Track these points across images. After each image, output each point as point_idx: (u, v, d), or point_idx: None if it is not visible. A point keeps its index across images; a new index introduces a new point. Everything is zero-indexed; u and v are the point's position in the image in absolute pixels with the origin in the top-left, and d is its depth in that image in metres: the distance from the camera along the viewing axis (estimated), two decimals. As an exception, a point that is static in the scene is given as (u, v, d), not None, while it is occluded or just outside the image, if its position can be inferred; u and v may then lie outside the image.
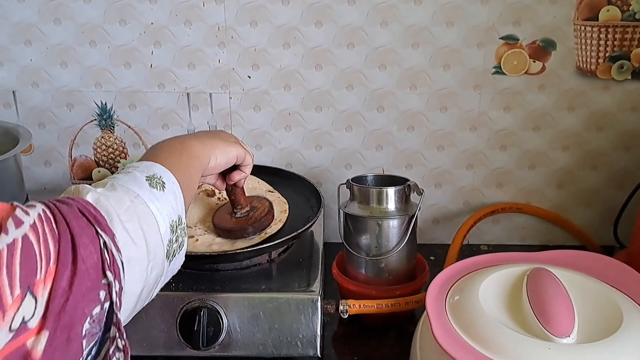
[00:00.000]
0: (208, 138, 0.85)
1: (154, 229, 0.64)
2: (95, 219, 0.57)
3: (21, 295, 0.46)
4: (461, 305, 0.80)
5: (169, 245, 0.67)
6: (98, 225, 0.56)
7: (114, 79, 1.21)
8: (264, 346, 0.90)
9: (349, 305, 0.97)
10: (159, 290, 0.71)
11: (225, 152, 0.85)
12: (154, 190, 0.66)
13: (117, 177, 0.66)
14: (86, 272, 0.52)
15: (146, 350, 0.91)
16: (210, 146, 0.83)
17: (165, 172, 0.70)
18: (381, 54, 1.18)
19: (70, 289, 0.50)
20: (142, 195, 0.64)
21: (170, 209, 0.67)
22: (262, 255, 0.99)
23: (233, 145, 0.87)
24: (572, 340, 0.72)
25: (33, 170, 1.29)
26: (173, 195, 0.69)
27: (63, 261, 0.51)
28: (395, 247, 1.01)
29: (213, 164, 0.83)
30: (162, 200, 0.66)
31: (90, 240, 0.54)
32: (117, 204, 0.61)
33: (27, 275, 0.47)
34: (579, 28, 1.15)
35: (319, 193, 1.11)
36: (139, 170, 0.68)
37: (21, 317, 0.46)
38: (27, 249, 0.48)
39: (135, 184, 0.65)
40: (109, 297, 0.55)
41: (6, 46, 1.19)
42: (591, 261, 0.89)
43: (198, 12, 1.16)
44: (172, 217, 0.68)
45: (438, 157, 1.26)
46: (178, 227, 0.69)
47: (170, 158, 0.74)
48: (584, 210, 1.29)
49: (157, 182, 0.67)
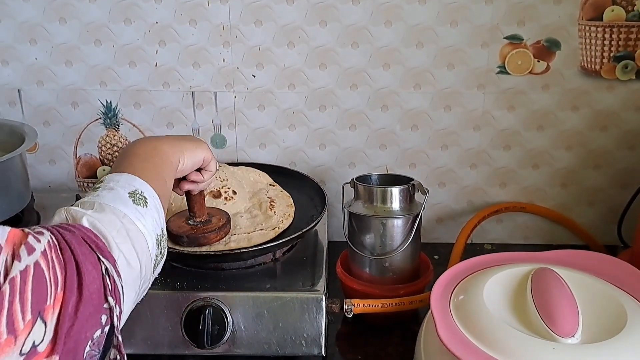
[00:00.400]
0: (177, 140, 0.84)
1: (144, 247, 0.66)
2: (97, 245, 0.58)
3: (32, 320, 0.47)
4: (466, 304, 0.80)
5: (155, 259, 0.69)
6: (100, 252, 0.57)
7: (118, 78, 1.22)
8: (268, 345, 0.91)
9: (353, 305, 0.97)
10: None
11: (193, 154, 0.85)
12: (138, 207, 0.67)
13: (100, 195, 0.66)
14: (90, 298, 0.54)
15: (151, 349, 0.91)
16: (179, 148, 0.83)
17: (145, 186, 0.70)
18: (385, 54, 1.18)
19: (75, 314, 0.52)
20: (129, 215, 0.65)
21: (154, 223, 0.69)
22: (267, 254, 0.99)
23: (201, 147, 0.87)
24: (576, 340, 0.72)
25: (38, 169, 1.30)
26: (155, 210, 0.70)
27: (70, 287, 0.52)
28: (400, 246, 1.01)
29: (181, 167, 0.83)
30: (147, 216, 0.67)
31: (93, 267, 0.56)
32: (110, 226, 0.62)
33: (37, 301, 0.48)
34: (583, 28, 1.15)
35: (323, 192, 1.11)
36: (120, 185, 0.68)
37: (32, 342, 0.47)
38: (38, 276, 0.49)
39: (120, 203, 0.66)
40: (110, 320, 0.57)
41: (12, 45, 1.20)
42: (595, 261, 0.90)
43: (203, 11, 1.16)
44: (157, 232, 0.69)
45: (442, 156, 1.26)
46: (162, 240, 0.71)
47: (147, 168, 0.74)
48: (587, 209, 1.30)
49: (140, 198, 0.68)
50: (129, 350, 0.91)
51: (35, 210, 1.16)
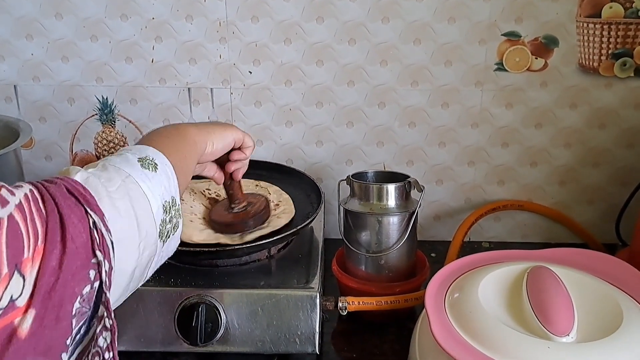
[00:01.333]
0: (205, 125, 0.85)
1: (146, 207, 0.64)
2: (84, 198, 0.56)
3: (9, 273, 0.46)
4: (460, 302, 0.79)
5: (161, 225, 0.67)
6: (87, 205, 0.56)
7: (115, 74, 1.21)
8: (262, 342, 0.90)
9: (348, 302, 0.96)
10: (155, 270, 0.71)
11: (222, 136, 0.85)
12: (145, 170, 0.66)
13: (109, 158, 0.66)
14: (76, 251, 0.52)
15: (144, 346, 0.91)
16: (207, 132, 0.83)
17: (157, 154, 0.70)
18: (382, 50, 1.17)
19: (60, 268, 0.51)
20: (134, 175, 0.64)
21: (162, 189, 0.67)
22: (262, 251, 0.99)
23: (230, 129, 0.88)
24: (571, 339, 0.72)
25: (34, 165, 1.29)
26: (166, 176, 0.69)
27: (51, 240, 0.51)
28: (396, 244, 1.01)
29: (210, 150, 0.83)
30: (154, 180, 0.66)
31: (79, 220, 0.54)
32: (108, 183, 0.61)
33: (14, 254, 0.47)
34: (581, 25, 1.14)
35: (319, 189, 1.10)
36: (132, 152, 0.68)
37: (9, 296, 0.46)
38: (13, 228, 0.47)
39: (127, 165, 0.65)
40: (99, 276, 0.55)
41: (8, 40, 1.19)
42: (592, 259, 0.89)
43: (199, 7, 1.15)
44: (164, 198, 0.68)
45: (439, 153, 1.26)
46: (172, 208, 0.69)
47: (164, 142, 0.74)
48: (586, 207, 1.29)
49: (150, 163, 0.67)
50: (122, 347, 0.91)
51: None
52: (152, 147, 0.70)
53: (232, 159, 0.93)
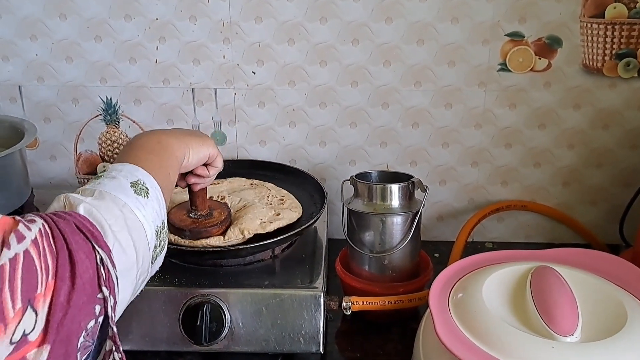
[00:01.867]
0: (183, 135, 0.84)
1: (142, 236, 0.65)
2: (92, 234, 0.57)
3: (22, 308, 0.47)
4: (464, 302, 0.79)
5: (154, 250, 0.68)
6: (95, 241, 0.57)
7: (119, 74, 1.21)
8: (266, 342, 0.90)
9: (352, 302, 0.96)
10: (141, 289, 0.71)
11: (198, 150, 0.84)
12: (139, 197, 0.66)
13: (102, 183, 0.66)
14: (82, 287, 0.53)
15: (149, 346, 0.91)
16: (185, 144, 0.82)
17: (147, 177, 0.70)
18: (386, 51, 1.18)
19: (68, 303, 0.51)
20: (129, 204, 0.64)
21: (155, 215, 0.68)
22: (266, 251, 0.99)
23: (206, 144, 0.87)
24: (575, 339, 0.72)
25: (38, 165, 1.30)
26: (157, 201, 0.69)
27: (61, 276, 0.51)
28: (399, 244, 1.01)
29: (186, 163, 0.83)
30: (148, 207, 0.67)
31: (87, 256, 0.55)
32: (108, 214, 0.61)
33: (27, 289, 0.48)
34: (585, 25, 1.14)
35: (322, 189, 1.11)
36: (123, 175, 0.68)
37: (22, 330, 0.47)
38: (28, 264, 0.48)
39: (121, 192, 0.65)
40: (104, 311, 0.56)
41: (12, 41, 1.19)
42: (596, 259, 0.89)
43: (203, 7, 1.16)
44: (157, 223, 0.68)
45: (443, 154, 1.26)
46: (161, 232, 0.70)
47: (150, 159, 0.74)
48: (589, 208, 1.29)
49: (141, 188, 0.68)
50: (127, 347, 0.91)
51: (35, 206, 1.15)
52: (141, 169, 0.70)
53: (195, 172, 0.90)
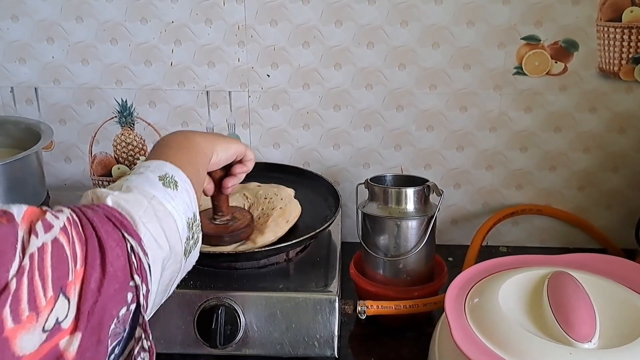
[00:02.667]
0: (209, 135, 0.85)
1: (173, 227, 0.65)
2: (122, 223, 0.57)
3: (54, 296, 0.47)
4: (481, 307, 0.79)
5: (186, 242, 0.68)
6: (124, 230, 0.57)
7: (134, 77, 1.22)
8: (281, 345, 0.90)
9: (367, 306, 0.96)
10: (176, 286, 0.71)
11: (226, 148, 0.85)
12: (168, 189, 0.66)
13: (129, 178, 0.66)
14: (114, 275, 0.53)
15: (164, 348, 0.91)
16: (212, 142, 0.83)
17: (176, 171, 0.70)
18: (401, 54, 1.17)
19: (99, 291, 0.51)
20: (158, 196, 0.64)
21: (185, 207, 0.68)
22: (280, 254, 0.99)
23: (233, 141, 0.88)
24: (593, 346, 0.71)
25: (54, 166, 1.30)
26: (187, 193, 0.69)
27: (91, 264, 0.52)
28: (414, 248, 1.01)
29: (215, 160, 0.83)
30: (177, 199, 0.67)
31: (117, 244, 0.55)
32: (137, 206, 0.61)
33: (59, 277, 0.48)
34: (601, 29, 1.13)
35: (336, 192, 1.11)
36: (151, 170, 0.68)
37: (55, 318, 0.47)
38: (58, 252, 0.49)
39: (149, 185, 0.65)
40: (136, 299, 0.56)
41: (29, 43, 1.20)
42: (613, 265, 0.88)
43: (218, 10, 1.16)
44: (187, 215, 0.68)
45: (457, 157, 1.25)
46: (194, 224, 0.70)
47: (179, 155, 0.74)
48: (605, 212, 1.28)
49: (170, 181, 0.68)
50: (142, 349, 0.91)
51: (50, 207, 1.16)
52: (169, 163, 0.70)
53: (234, 172, 0.91)
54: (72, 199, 1.16)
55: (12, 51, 1.21)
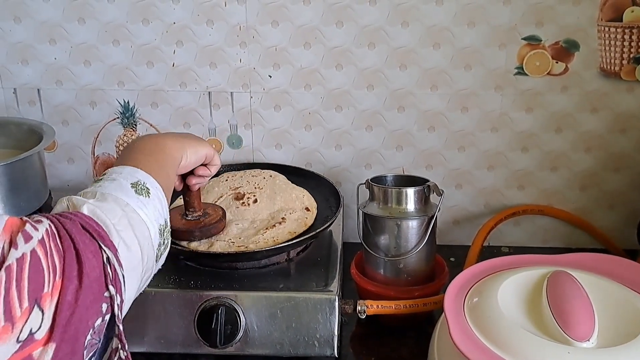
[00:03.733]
0: (179, 137, 0.86)
1: (146, 235, 0.66)
2: (99, 234, 0.58)
3: (29, 308, 0.48)
4: (480, 307, 0.79)
5: (157, 248, 0.69)
6: (101, 240, 0.58)
7: (136, 78, 1.22)
8: (281, 345, 0.91)
9: (366, 306, 0.97)
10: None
11: (196, 150, 0.86)
12: (140, 197, 0.67)
13: (103, 185, 0.67)
14: (90, 286, 0.54)
15: (164, 348, 0.92)
16: (182, 145, 0.84)
17: (147, 178, 0.71)
18: (402, 54, 1.18)
19: (76, 302, 0.52)
20: (131, 203, 0.65)
21: (157, 214, 0.69)
22: (281, 254, 0.99)
23: (203, 145, 0.88)
24: (591, 345, 0.71)
25: (56, 167, 1.31)
26: (158, 200, 0.70)
27: (69, 276, 0.52)
28: (414, 247, 1.01)
29: (184, 163, 0.84)
30: (149, 206, 0.68)
31: (94, 255, 0.56)
32: (111, 214, 0.62)
33: (34, 289, 0.49)
34: (602, 29, 1.13)
35: (338, 192, 1.11)
36: (123, 177, 0.69)
37: (29, 329, 0.48)
38: (35, 264, 0.49)
39: (122, 192, 0.66)
40: (110, 309, 0.57)
41: (31, 45, 1.21)
42: (613, 264, 0.88)
43: (220, 11, 1.16)
44: (159, 222, 0.69)
45: (459, 157, 1.26)
46: (164, 230, 0.71)
47: (149, 161, 0.75)
48: (607, 213, 1.28)
49: (142, 188, 0.69)
50: (142, 349, 0.92)
51: (52, 208, 1.16)
52: (140, 170, 0.71)
53: (197, 173, 0.92)
54: (74, 199, 1.17)
55: (15, 53, 1.22)
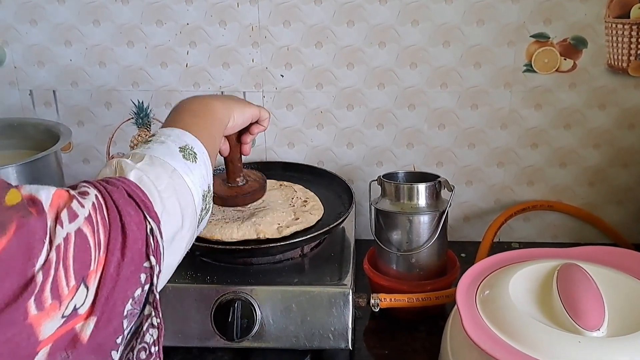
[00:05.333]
0: (226, 99, 0.88)
1: (190, 201, 0.67)
2: (144, 204, 0.59)
3: (76, 286, 0.49)
4: (491, 299, 0.81)
5: (200, 214, 0.70)
6: (146, 211, 0.58)
7: (150, 79, 1.24)
8: (296, 338, 0.92)
9: (380, 299, 0.98)
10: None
11: (242, 112, 0.88)
12: (187, 162, 0.68)
13: (152, 147, 0.68)
14: (132, 258, 0.55)
15: (181, 341, 0.93)
16: (229, 107, 0.85)
17: (195, 142, 0.72)
18: (412, 53, 1.19)
19: (118, 275, 0.53)
20: (179, 169, 0.66)
21: (202, 179, 0.70)
22: (295, 249, 1.01)
23: (248, 105, 0.90)
24: (602, 334, 0.72)
25: (72, 168, 1.33)
26: (204, 166, 0.71)
27: (112, 249, 0.53)
28: (426, 242, 1.02)
29: (231, 124, 0.86)
30: (195, 172, 0.69)
31: (138, 226, 0.57)
32: (157, 180, 0.63)
33: (80, 267, 0.49)
34: (610, 26, 1.14)
35: (350, 189, 1.12)
36: (172, 139, 0.70)
37: (73, 305, 0.49)
38: (81, 242, 0.50)
39: (170, 157, 0.67)
40: (150, 279, 0.58)
41: (47, 47, 1.23)
42: (620, 257, 0.89)
43: (232, 12, 1.18)
44: (203, 188, 0.70)
45: (469, 155, 1.27)
46: (208, 195, 0.72)
47: (197, 123, 0.76)
48: (615, 208, 1.29)
49: (190, 153, 0.69)
50: (161, 342, 0.93)
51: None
52: (188, 133, 0.72)
53: (253, 132, 0.95)
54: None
55: (31, 55, 1.24)
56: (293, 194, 1.12)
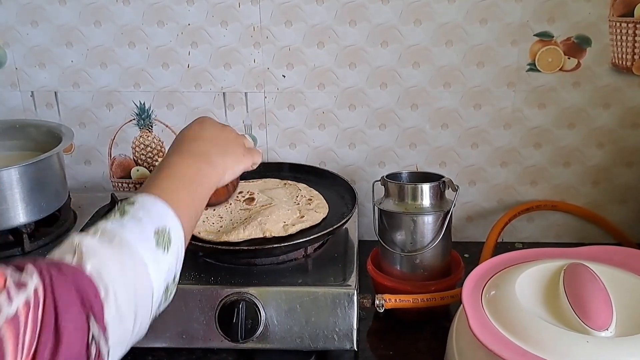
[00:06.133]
0: (220, 156, 0.81)
1: (148, 301, 0.62)
2: (92, 308, 0.54)
3: None
4: (498, 299, 0.80)
5: (157, 309, 0.66)
6: (93, 315, 0.54)
7: (152, 80, 1.24)
8: (300, 339, 0.92)
9: (384, 300, 0.98)
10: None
11: (234, 171, 0.83)
12: (158, 251, 0.64)
13: (126, 225, 0.63)
14: None
15: (186, 343, 0.93)
16: (222, 168, 0.80)
17: (175, 225, 0.67)
18: (415, 52, 1.19)
19: None
20: (146, 259, 0.62)
21: (168, 272, 0.66)
22: (298, 250, 1.00)
23: (242, 159, 0.85)
24: (610, 334, 0.72)
25: (74, 169, 1.32)
26: (175, 256, 0.67)
27: (41, 354, 0.49)
28: (430, 243, 1.02)
29: (219, 184, 0.81)
30: (163, 263, 0.64)
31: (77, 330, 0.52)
32: (118, 277, 0.58)
33: None
34: (614, 24, 1.14)
35: (353, 190, 1.12)
36: (150, 217, 0.65)
37: None
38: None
39: (142, 243, 0.63)
40: None
41: (49, 48, 1.23)
42: (628, 257, 0.89)
43: (234, 12, 1.18)
44: (168, 280, 0.66)
45: (472, 154, 1.26)
46: (171, 285, 0.68)
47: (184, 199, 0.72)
48: (619, 207, 1.29)
49: (165, 239, 0.65)
50: (164, 344, 0.93)
51: (72, 209, 1.18)
52: (172, 212, 0.67)
53: None
54: (93, 200, 1.19)
55: (32, 56, 1.24)
56: (297, 192, 1.12)
